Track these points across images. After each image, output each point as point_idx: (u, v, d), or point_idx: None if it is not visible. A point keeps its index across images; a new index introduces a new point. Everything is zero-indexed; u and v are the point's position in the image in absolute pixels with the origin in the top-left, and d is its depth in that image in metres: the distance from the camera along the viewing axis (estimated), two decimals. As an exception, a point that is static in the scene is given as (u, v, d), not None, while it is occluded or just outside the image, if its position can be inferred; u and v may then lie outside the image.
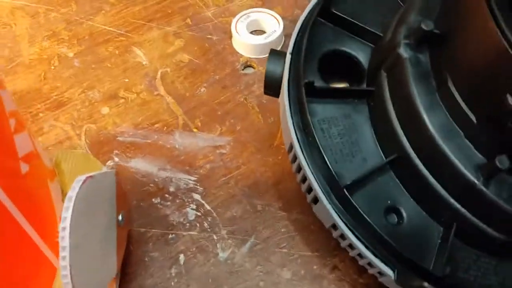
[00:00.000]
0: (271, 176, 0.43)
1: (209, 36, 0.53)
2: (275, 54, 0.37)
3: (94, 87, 0.49)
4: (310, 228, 0.40)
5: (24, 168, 0.23)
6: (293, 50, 0.36)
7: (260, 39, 0.50)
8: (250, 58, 0.51)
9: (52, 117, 0.46)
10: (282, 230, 0.40)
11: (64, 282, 0.24)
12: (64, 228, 0.22)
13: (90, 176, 0.26)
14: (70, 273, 0.22)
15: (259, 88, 0.48)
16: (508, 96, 0.25)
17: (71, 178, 0.31)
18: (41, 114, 0.47)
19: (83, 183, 0.25)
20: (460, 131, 0.30)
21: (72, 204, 0.23)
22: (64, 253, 0.22)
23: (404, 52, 0.32)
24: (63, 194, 0.30)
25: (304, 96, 0.34)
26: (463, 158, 0.29)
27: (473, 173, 0.29)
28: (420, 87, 0.31)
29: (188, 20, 0.54)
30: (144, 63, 0.51)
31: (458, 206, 0.30)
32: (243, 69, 0.50)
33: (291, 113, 0.35)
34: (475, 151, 0.29)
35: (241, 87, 0.49)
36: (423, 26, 0.31)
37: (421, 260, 0.30)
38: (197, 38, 0.53)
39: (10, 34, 0.53)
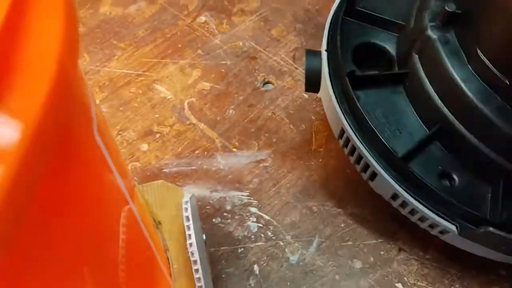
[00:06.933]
0: (317, 178, 0.45)
1: (223, 62, 0.55)
2: (312, 53, 0.40)
3: (128, 128, 0.50)
4: (367, 219, 0.42)
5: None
6: (327, 47, 0.40)
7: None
8: (266, 75, 0.54)
9: (94, 163, 0.48)
10: (342, 225, 0.42)
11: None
12: (191, 244, 0.24)
13: (192, 195, 0.28)
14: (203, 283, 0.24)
15: (283, 100, 0.51)
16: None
17: (158, 206, 0.33)
18: (83, 162, 0.48)
19: (190, 201, 0.27)
20: (496, 95, 0.33)
21: (191, 222, 0.25)
22: (197, 266, 0.24)
23: (432, 33, 0.36)
24: (155, 222, 0.32)
25: (349, 84, 0.37)
26: (502, 117, 0.33)
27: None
28: (453, 61, 0.35)
29: (199, 51, 0.57)
30: (169, 97, 0.53)
31: (503, 161, 0.34)
32: (263, 86, 0.53)
33: (337, 101, 0.38)
34: (512, 109, 0.33)
35: (266, 103, 0.51)
36: (447, 8, 0.35)
37: (479, 213, 0.34)
38: (212, 65, 0.55)
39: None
